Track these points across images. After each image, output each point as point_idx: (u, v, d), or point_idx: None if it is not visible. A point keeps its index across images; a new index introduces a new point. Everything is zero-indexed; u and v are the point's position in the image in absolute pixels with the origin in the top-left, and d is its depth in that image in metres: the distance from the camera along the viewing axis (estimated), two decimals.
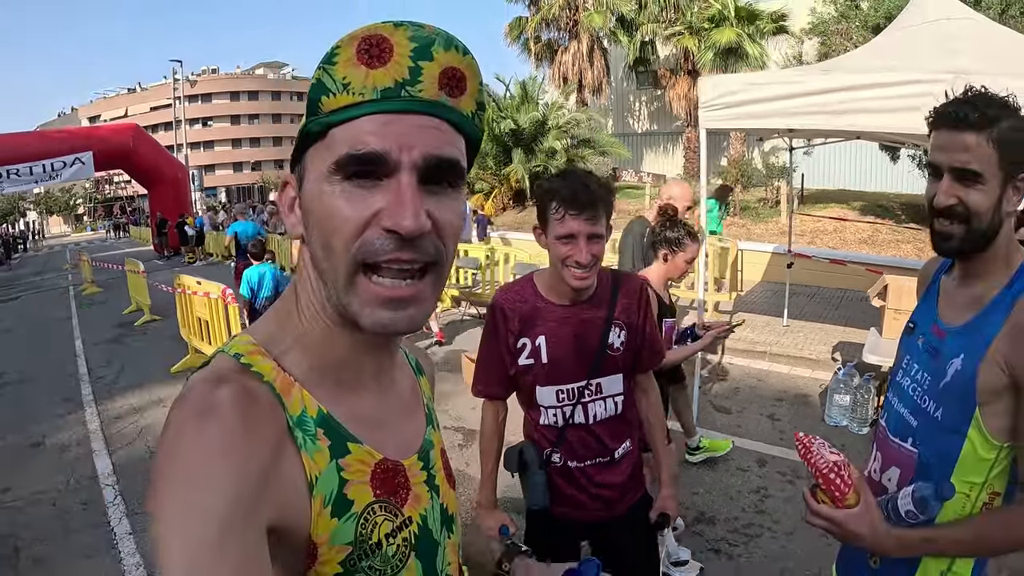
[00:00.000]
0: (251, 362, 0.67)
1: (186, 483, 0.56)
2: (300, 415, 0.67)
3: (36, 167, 19.53)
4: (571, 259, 1.73)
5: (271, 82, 68.74)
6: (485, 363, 1.98)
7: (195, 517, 0.54)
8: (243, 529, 0.55)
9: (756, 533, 3.57)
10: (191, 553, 0.53)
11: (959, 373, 1.27)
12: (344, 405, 0.72)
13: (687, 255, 3.03)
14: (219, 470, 0.57)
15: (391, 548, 0.72)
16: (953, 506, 1.27)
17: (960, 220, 1.24)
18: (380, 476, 0.73)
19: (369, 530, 0.70)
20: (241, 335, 0.73)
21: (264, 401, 0.64)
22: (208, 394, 0.61)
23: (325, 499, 0.66)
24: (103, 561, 3.65)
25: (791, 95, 4.05)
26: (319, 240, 0.67)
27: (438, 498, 0.83)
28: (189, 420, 0.60)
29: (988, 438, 1.24)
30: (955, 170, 1.22)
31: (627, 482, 2.00)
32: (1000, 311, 1.23)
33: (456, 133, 0.68)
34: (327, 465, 0.67)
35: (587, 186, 1.71)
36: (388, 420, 0.78)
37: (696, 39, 20.40)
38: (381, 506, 0.72)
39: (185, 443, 0.58)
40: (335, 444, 0.69)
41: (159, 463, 0.58)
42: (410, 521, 0.76)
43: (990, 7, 12.34)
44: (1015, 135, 1.19)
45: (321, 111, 0.65)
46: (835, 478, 1.22)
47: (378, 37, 0.63)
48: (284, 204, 0.73)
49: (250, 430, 0.60)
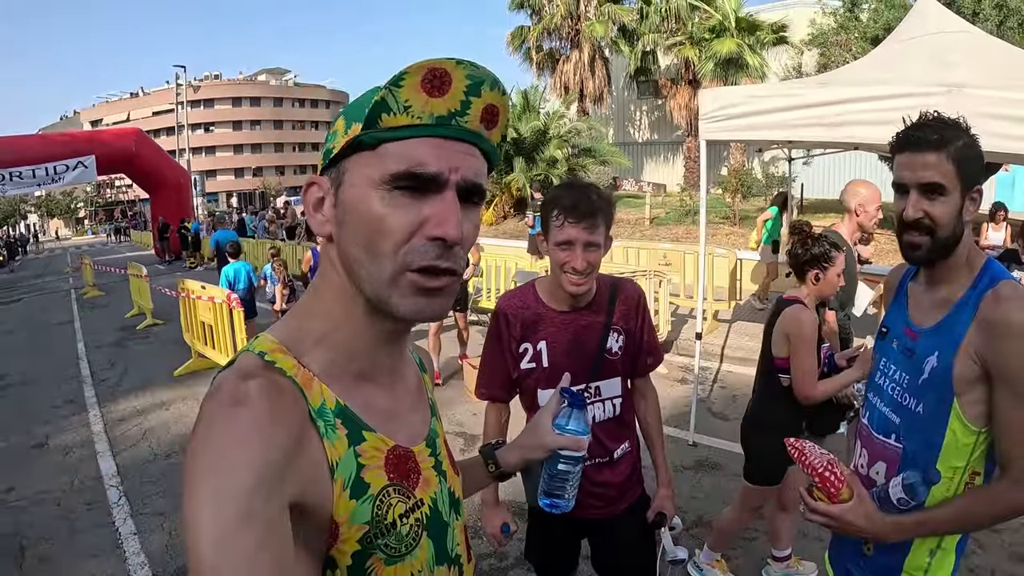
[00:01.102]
0: (274, 359, 0.74)
1: (218, 462, 0.62)
2: (320, 406, 0.74)
3: (39, 170, 19.59)
4: (568, 265, 1.79)
5: (273, 88, 68.97)
6: (488, 367, 2.05)
7: (225, 491, 0.60)
8: (267, 502, 0.62)
9: (752, 537, 3.61)
10: (221, 522, 0.59)
11: (935, 369, 1.40)
12: (359, 397, 0.79)
13: (837, 268, 2.78)
14: (248, 450, 0.63)
15: (405, 527, 0.79)
16: (939, 489, 1.39)
17: (926, 232, 1.38)
18: (393, 461, 0.80)
19: (384, 511, 0.77)
20: (264, 335, 0.79)
21: (288, 392, 0.71)
22: (238, 387, 0.68)
23: (345, 482, 0.73)
24: (108, 561, 3.69)
25: (789, 107, 4.12)
26: (361, 241, 0.74)
27: (446, 482, 0.90)
28: (221, 409, 0.66)
29: (967, 425, 1.36)
30: (921, 186, 1.37)
31: (625, 482, 2.06)
32: (968, 310, 1.37)
33: (484, 160, 0.79)
34: (345, 451, 0.74)
35: (588, 196, 1.77)
36: (398, 411, 0.85)
37: (697, 49, 20.55)
38: (395, 489, 0.79)
39: (217, 428, 0.65)
40: (352, 432, 0.76)
41: (192, 448, 0.65)
42: (421, 503, 0.83)
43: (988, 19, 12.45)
44: (969, 151, 1.36)
45: (379, 126, 0.72)
46: (829, 476, 1.34)
47: (441, 71, 0.72)
48: (309, 203, 0.79)
49: (276, 416, 0.67)
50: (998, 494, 1.33)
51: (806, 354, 2.67)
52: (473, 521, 3.74)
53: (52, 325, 11.88)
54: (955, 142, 1.35)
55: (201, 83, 63.49)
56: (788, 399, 2.79)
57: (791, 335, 2.72)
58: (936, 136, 1.35)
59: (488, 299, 9.55)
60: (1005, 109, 3.52)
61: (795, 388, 2.72)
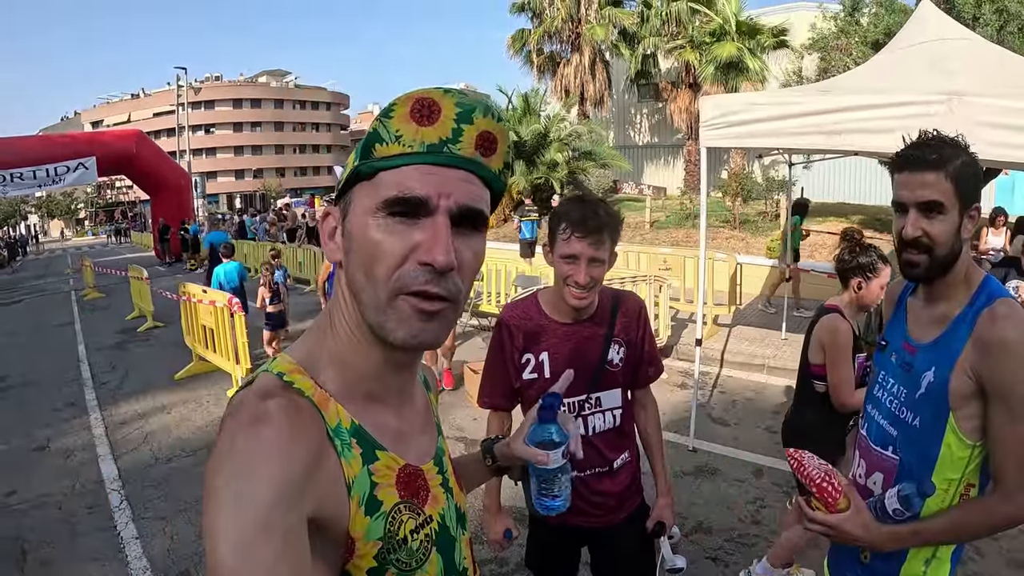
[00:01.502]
0: (292, 380, 0.76)
1: (239, 475, 0.64)
2: (337, 426, 0.76)
3: (39, 171, 19.61)
4: (571, 279, 1.82)
5: (274, 90, 68.98)
6: (491, 376, 2.08)
7: (246, 503, 0.63)
8: (287, 515, 0.64)
9: (752, 543, 3.63)
10: (240, 530, 0.61)
11: (932, 384, 1.42)
12: (371, 417, 0.81)
13: (881, 280, 2.76)
14: (269, 464, 0.65)
15: (415, 543, 0.81)
16: (935, 500, 1.41)
17: (924, 250, 1.40)
18: (404, 480, 0.83)
19: (396, 527, 0.79)
20: (283, 355, 0.81)
21: (307, 411, 0.73)
22: (258, 406, 0.70)
23: (360, 499, 0.76)
24: (110, 565, 3.70)
25: (790, 115, 4.14)
26: (361, 266, 0.76)
27: (452, 499, 0.93)
28: (243, 426, 0.68)
29: (962, 439, 1.39)
30: (919, 205, 1.39)
31: (625, 491, 2.08)
32: (965, 326, 1.40)
33: (484, 187, 0.79)
34: (360, 470, 0.77)
35: (596, 212, 1.80)
36: (408, 431, 0.87)
37: (697, 53, 20.56)
38: (406, 506, 0.82)
39: (239, 444, 0.67)
40: (366, 452, 0.78)
41: (212, 462, 0.67)
42: (430, 519, 0.85)
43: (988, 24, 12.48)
44: (967, 170, 1.38)
45: (373, 156, 0.75)
46: (827, 486, 1.38)
47: (429, 100, 0.74)
48: (325, 232, 0.83)
49: (296, 434, 0.69)
50: (991, 506, 1.35)
51: (841, 362, 2.71)
52: (475, 527, 3.76)
53: (52, 327, 11.90)
54: (953, 161, 1.36)
55: (202, 85, 63.52)
56: (824, 405, 2.82)
57: (825, 344, 2.76)
58: (935, 155, 1.37)
59: (489, 303, 9.55)
60: (1005, 118, 3.53)
61: (832, 396, 2.75)
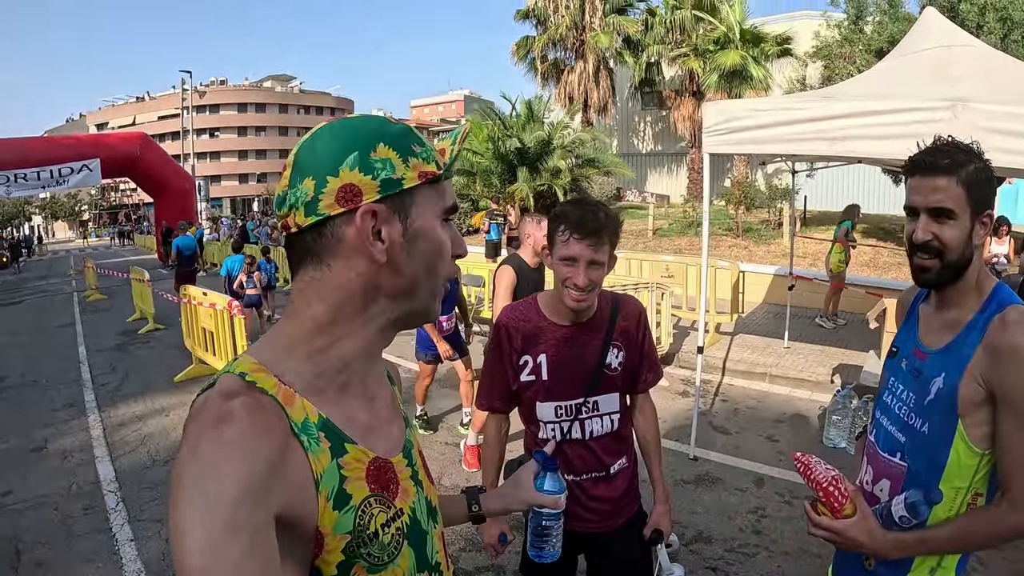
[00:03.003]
0: (255, 379, 0.76)
1: (204, 475, 0.66)
2: (303, 421, 0.77)
3: (44, 172, 19.71)
4: (570, 281, 1.81)
5: (279, 95, 69.24)
6: (489, 378, 2.06)
7: (213, 501, 0.64)
8: (253, 513, 0.65)
9: (753, 552, 3.59)
10: (208, 531, 0.62)
11: (941, 391, 1.41)
12: (341, 410, 0.83)
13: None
14: (234, 463, 0.67)
15: (386, 537, 0.82)
16: (942, 508, 1.40)
17: (935, 254, 1.40)
18: (374, 473, 0.83)
19: (367, 521, 0.80)
20: (244, 356, 0.82)
21: (271, 409, 0.74)
22: (222, 406, 0.71)
23: (329, 494, 0.76)
24: (105, 566, 3.68)
25: (793, 121, 4.12)
26: (426, 263, 0.86)
27: (423, 491, 0.94)
28: (206, 428, 0.70)
29: (971, 446, 1.37)
30: (931, 210, 1.39)
31: (622, 497, 2.06)
32: (975, 333, 1.39)
33: None
34: (329, 464, 0.77)
35: (595, 214, 1.79)
36: (376, 423, 0.89)
37: (701, 61, 20.60)
38: (376, 499, 0.82)
39: (203, 445, 0.68)
40: (334, 445, 0.79)
41: (178, 465, 0.68)
42: (401, 512, 0.86)
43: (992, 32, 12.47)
44: (979, 176, 1.37)
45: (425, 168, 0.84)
46: (833, 491, 1.36)
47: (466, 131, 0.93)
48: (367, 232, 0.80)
49: (260, 432, 0.71)
50: (998, 515, 1.34)
51: None
52: (471, 533, 3.73)
53: (54, 328, 11.91)
54: (967, 167, 1.36)
55: (207, 88, 63.86)
56: None
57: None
58: (947, 161, 1.37)
59: (489, 309, 9.54)
60: (1009, 124, 3.52)
61: None
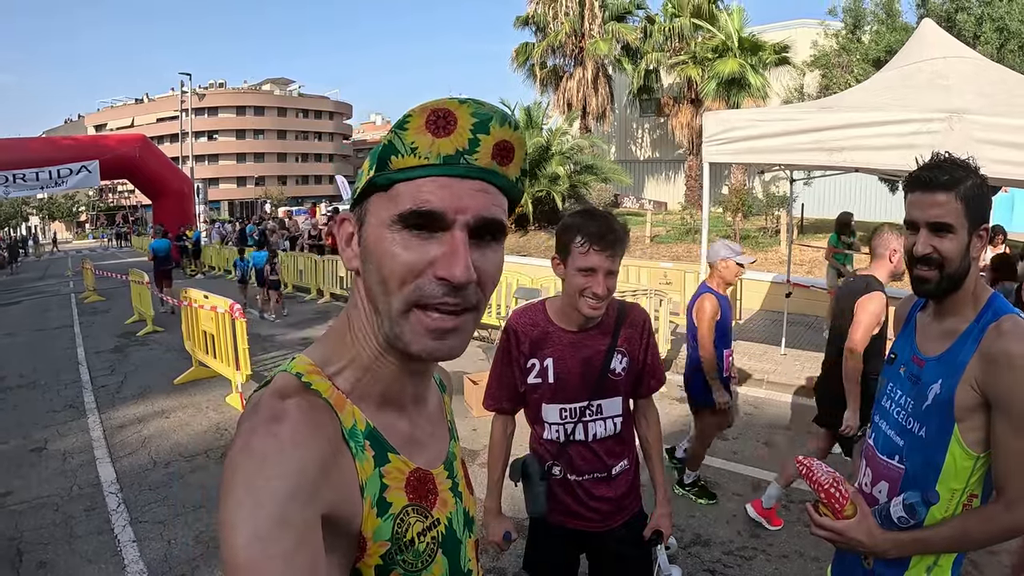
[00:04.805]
0: (310, 381, 0.77)
1: (256, 469, 0.66)
2: (352, 427, 0.78)
3: (42, 173, 19.68)
4: (589, 290, 1.87)
5: (277, 98, 69.24)
6: (497, 379, 2.13)
7: (263, 496, 0.64)
8: (302, 509, 0.65)
9: (750, 556, 3.63)
10: (256, 523, 0.62)
11: (938, 396, 1.47)
12: (384, 420, 0.83)
13: None
14: (286, 460, 0.67)
15: (422, 545, 0.83)
16: (938, 509, 1.46)
17: (936, 266, 1.47)
18: (413, 483, 0.84)
19: (404, 529, 0.81)
20: (301, 356, 0.83)
21: (324, 412, 0.75)
22: (276, 404, 0.72)
23: (372, 501, 0.77)
24: (106, 568, 3.70)
25: (791, 131, 4.18)
26: (376, 277, 0.76)
27: (461, 503, 0.94)
28: (261, 424, 0.70)
29: (966, 450, 1.43)
30: (930, 224, 1.45)
31: (623, 498, 2.12)
32: (971, 341, 1.45)
33: (501, 195, 0.78)
34: (372, 471, 0.78)
35: (613, 228, 1.87)
36: (420, 435, 0.89)
37: (699, 69, 20.72)
38: (414, 509, 0.83)
39: (256, 440, 0.68)
40: (378, 454, 0.80)
41: (230, 457, 0.68)
42: (438, 522, 0.87)
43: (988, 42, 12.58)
44: (976, 191, 1.44)
45: (389, 168, 0.75)
46: (835, 492, 1.42)
47: (445, 111, 0.73)
48: (342, 238, 0.83)
49: (312, 432, 0.71)
50: (993, 515, 1.39)
51: None
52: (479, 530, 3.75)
53: (52, 329, 11.90)
54: (965, 182, 1.43)
55: (206, 91, 63.81)
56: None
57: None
58: (947, 177, 1.43)
59: (489, 315, 9.57)
60: (1004, 135, 3.58)
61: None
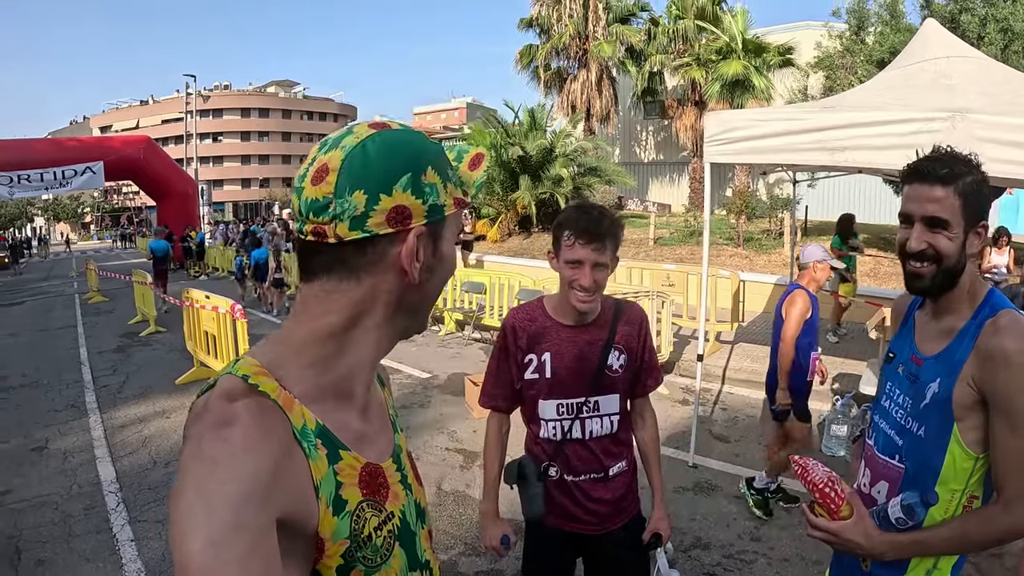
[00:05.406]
0: (257, 382, 0.77)
1: (209, 475, 0.66)
2: (303, 427, 0.78)
3: (47, 174, 19.76)
4: (576, 283, 1.89)
5: (282, 100, 69.47)
6: (494, 376, 2.12)
7: (216, 501, 0.64)
8: (256, 513, 0.65)
9: (750, 559, 3.60)
10: (210, 529, 0.62)
11: (937, 395, 1.43)
12: (335, 417, 0.83)
13: None
14: (238, 464, 0.67)
15: (379, 539, 0.84)
16: (938, 510, 1.42)
17: (931, 261, 1.42)
18: (366, 478, 0.85)
19: (361, 525, 0.82)
20: (246, 358, 0.81)
21: (273, 412, 0.75)
22: (225, 408, 0.72)
23: (328, 500, 0.78)
24: (104, 566, 3.69)
25: (792, 131, 4.16)
26: (442, 283, 0.92)
27: (412, 495, 0.96)
28: (210, 428, 0.70)
29: (966, 450, 1.39)
30: (926, 218, 1.40)
31: (620, 500, 2.09)
32: (968, 339, 1.41)
33: None
34: (327, 470, 0.79)
35: (599, 220, 1.87)
36: (368, 430, 0.90)
37: (703, 71, 20.67)
38: (369, 504, 0.84)
39: (207, 445, 0.68)
40: (331, 452, 0.80)
41: (182, 463, 0.68)
42: (392, 516, 0.88)
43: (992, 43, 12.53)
44: (975, 187, 1.39)
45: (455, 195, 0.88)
46: (830, 492, 1.39)
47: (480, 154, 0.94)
48: (413, 252, 0.84)
49: (264, 434, 0.71)
50: (993, 517, 1.36)
51: None
52: (470, 537, 3.74)
53: (55, 329, 11.93)
54: (964, 177, 1.38)
55: (211, 93, 64.02)
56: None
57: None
58: (945, 170, 1.38)
59: (491, 316, 9.58)
60: (1008, 135, 3.55)
61: None
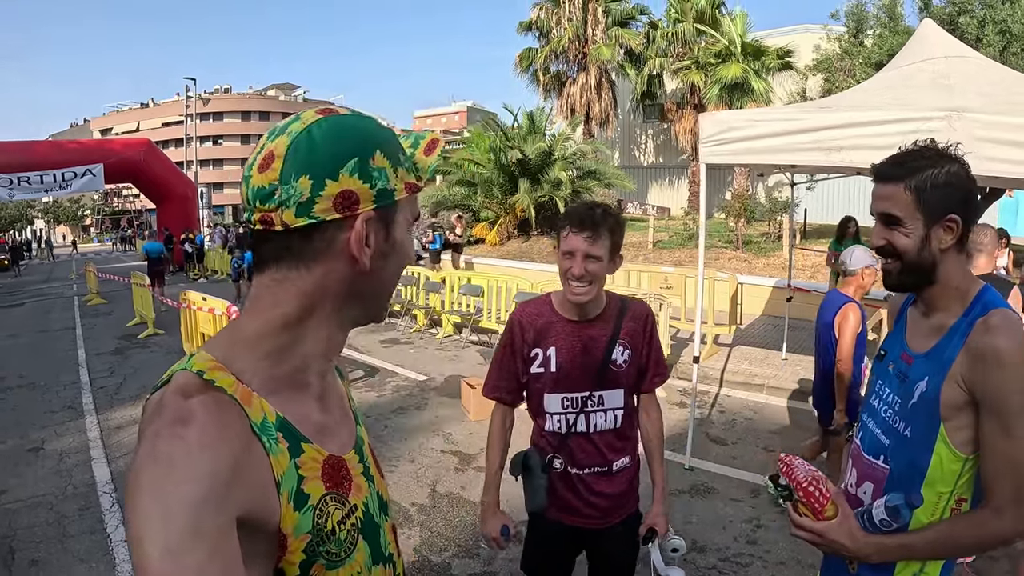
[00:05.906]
0: (213, 377, 0.74)
1: (165, 477, 0.64)
2: (262, 421, 0.76)
3: (47, 176, 19.74)
4: (569, 272, 1.93)
5: (282, 103, 69.44)
6: (499, 368, 2.15)
7: (173, 505, 0.62)
8: (215, 515, 0.64)
9: (747, 563, 3.59)
10: (170, 534, 0.61)
11: (924, 394, 1.40)
12: (294, 409, 0.82)
13: None
14: (195, 465, 0.65)
15: (343, 533, 0.83)
16: (924, 512, 1.39)
17: (893, 258, 1.43)
18: (328, 471, 0.83)
19: (324, 519, 0.80)
20: (200, 353, 0.79)
21: (231, 408, 0.73)
22: (180, 405, 0.70)
23: (289, 495, 0.76)
24: (98, 566, 3.68)
25: (789, 131, 4.14)
26: (398, 269, 0.89)
27: (374, 487, 0.94)
28: (166, 426, 0.68)
29: (953, 451, 1.36)
30: (880, 215, 1.42)
31: (622, 495, 2.12)
32: (958, 337, 1.38)
33: None
34: (288, 464, 0.77)
35: (592, 212, 1.93)
36: (329, 422, 0.88)
37: (703, 74, 20.70)
38: (332, 497, 0.82)
39: (162, 445, 0.66)
40: (292, 445, 0.78)
41: (136, 466, 0.66)
42: (355, 508, 0.87)
43: (991, 44, 12.55)
44: (935, 181, 1.36)
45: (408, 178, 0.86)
46: (814, 491, 1.35)
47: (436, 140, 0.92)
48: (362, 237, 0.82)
49: (222, 432, 0.69)
50: (981, 521, 1.33)
51: None
52: (464, 539, 3.73)
53: (54, 331, 11.91)
54: (920, 173, 1.36)
55: (211, 96, 64.01)
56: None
57: None
58: (898, 169, 1.39)
59: (489, 319, 9.59)
60: (1005, 134, 3.54)
61: None
